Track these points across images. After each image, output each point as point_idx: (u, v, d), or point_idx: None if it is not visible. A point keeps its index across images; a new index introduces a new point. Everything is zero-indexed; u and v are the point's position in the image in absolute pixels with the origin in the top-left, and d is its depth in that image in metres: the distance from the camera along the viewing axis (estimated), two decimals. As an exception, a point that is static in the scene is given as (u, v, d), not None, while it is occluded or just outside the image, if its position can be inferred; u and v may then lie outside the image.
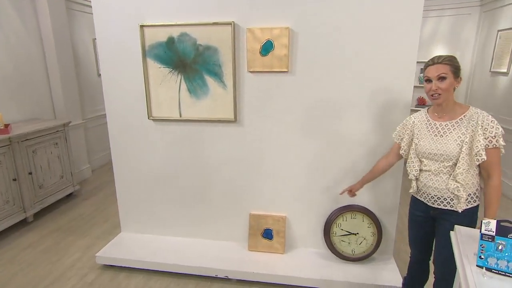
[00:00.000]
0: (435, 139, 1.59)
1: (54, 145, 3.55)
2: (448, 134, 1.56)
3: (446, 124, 1.58)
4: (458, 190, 1.54)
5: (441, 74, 1.50)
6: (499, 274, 1.08)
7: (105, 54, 2.48)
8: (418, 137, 1.67)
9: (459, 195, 1.54)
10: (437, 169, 1.59)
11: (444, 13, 4.94)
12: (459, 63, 1.54)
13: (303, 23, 2.18)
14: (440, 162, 1.58)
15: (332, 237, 2.45)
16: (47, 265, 2.61)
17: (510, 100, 3.95)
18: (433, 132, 1.61)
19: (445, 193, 1.59)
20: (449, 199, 1.60)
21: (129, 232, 2.86)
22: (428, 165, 1.63)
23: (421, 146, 1.64)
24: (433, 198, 1.65)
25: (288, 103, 2.34)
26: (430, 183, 1.63)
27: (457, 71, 1.52)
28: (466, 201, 1.57)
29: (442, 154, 1.56)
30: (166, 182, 2.68)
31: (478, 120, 1.49)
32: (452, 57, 1.54)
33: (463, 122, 1.53)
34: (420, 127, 1.68)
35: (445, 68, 1.50)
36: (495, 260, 1.07)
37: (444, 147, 1.55)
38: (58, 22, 3.85)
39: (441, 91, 1.51)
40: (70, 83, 4.09)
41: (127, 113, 2.57)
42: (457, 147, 1.52)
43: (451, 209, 1.60)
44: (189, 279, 2.44)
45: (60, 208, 3.59)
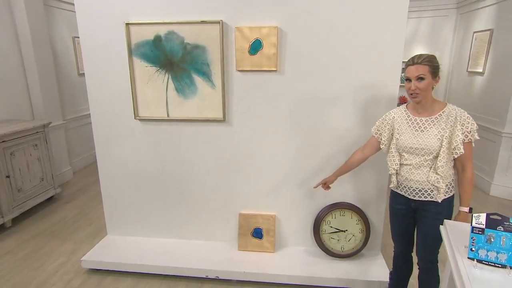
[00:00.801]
0: (416, 134, 1.65)
1: (33, 146, 3.42)
2: (429, 129, 1.62)
3: (426, 120, 1.64)
4: (438, 181, 1.62)
5: (419, 75, 1.56)
6: (489, 265, 1.12)
7: (89, 53, 2.41)
8: (398, 132, 1.72)
9: (439, 186, 1.62)
10: (418, 163, 1.66)
11: (423, 14, 5.10)
12: (438, 63, 1.60)
13: (292, 22, 2.19)
14: (421, 156, 1.64)
15: (322, 234, 2.48)
16: (28, 272, 2.51)
17: (485, 98, 4.12)
18: (414, 127, 1.67)
19: (426, 185, 1.66)
20: (430, 191, 1.67)
21: (115, 234, 2.79)
22: (409, 159, 1.69)
23: (402, 141, 1.69)
24: (414, 191, 1.70)
25: (277, 102, 2.35)
26: (412, 177, 1.69)
27: (435, 71, 1.58)
28: (444, 192, 1.65)
29: (423, 148, 1.62)
30: (154, 183, 2.63)
31: (457, 116, 1.58)
32: (431, 57, 1.59)
33: (442, 118, 1.61)
34: (400, 122, 1.72)
35: (424, 69, 1.55)
36: (485, 252, 1.11)
37: (425, 141, 1.62)
38: (35, 18, 3.70)
39: (419, 90, 1.57)
40: (49, 82, 3.95)
41: (113, 113, 2.50)
42: (438, 141, 1.59)
43: (431, 200, 1.68)
44: (179, 280, 2.41)
45: (41, 212, 3.46)
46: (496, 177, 3.84)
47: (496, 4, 3.98)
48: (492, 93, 3.98)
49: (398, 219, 1.87)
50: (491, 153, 3.92)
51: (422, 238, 1.76)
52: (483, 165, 4.10)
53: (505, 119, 3.66)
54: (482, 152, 4.13)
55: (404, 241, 1.92)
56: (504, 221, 1.10)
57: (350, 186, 2.46)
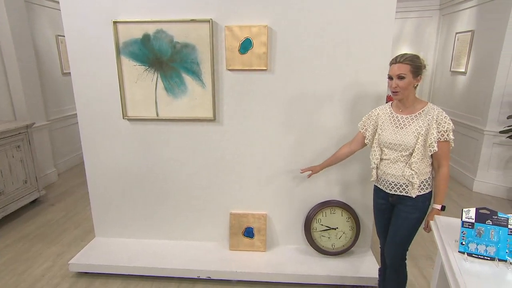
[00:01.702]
0: (396, 131, 1.71)
1: (16, 148, 3.31)
2: (408, 126, 1.68)
3: (406, 117, 1.70)
4: (412, 177, 1.67)
5: (400, 73, 1.61)
6: (479, 258, 1.15)
7: (75, 52, 2.36)
8: (381, 128, 1.79)
9: (413, 182, 1.67)
10: (395, 158, 1.72)
11: (409, 15, 5.20)
12: (422, 62, 1.64)
13: (281, 22, 2.20)
14: (399, 152, 1.71)
15: (313, 232, 2.50)
16: (12, 277, 2.43)
17: (468, 97, 4.24)
18: (395, 124, 1.73)
19: (401, 180, 1.72)
20: (405, 186, 1.72)
21: (104, 236, 2.74)
22: (388, 154, 1.76)
23: (383, 136, 1.76)
24: (391, 184, 1.77)
25: (267, 101, 2.35)
26: (389, 171, 1.75)
27: (417, 70, 1.62)
28: (419, 188, 1.70)
29: (401, 144, 1.69)
30: (143, 183, 2.59)
31: (434, 115, 1.62)
32: (414, 56, 1.63)
33: (421, 116, 1.65)
34: (383, 119, 1.79)
35: (405, 68, 1.60)
36: (475, 246, 1.15)
37: (403, 138, 1.68)
38: (15, 16, 3.58)
39: (400, 88, 1.63)
40: (31, 82, 3.83)
41: (100, 113, 2.46)
42: (414, 138, 1.64)
43: (406, 195, 1.73)
44: (171, 281, 2.38)
45: (24, 216, 3.36)
46: (479, 174, 3.95)
47: (477, 6, 4.10)
48: (474, 92, 4.10)
49: (380, 214, 1.93)
50: (474, 151, 4.03)
51: (393, 232, 1.82)
52: (466, 162, 4.22)
53: (487, 118, 3.77)
54: (465, 149, 4.25)
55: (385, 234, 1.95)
56: (493, 215, 1.14)
57: (339, 184, 2.48)
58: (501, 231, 1.13)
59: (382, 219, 1.93)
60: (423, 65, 1.65)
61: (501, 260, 1.13)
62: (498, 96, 3.66)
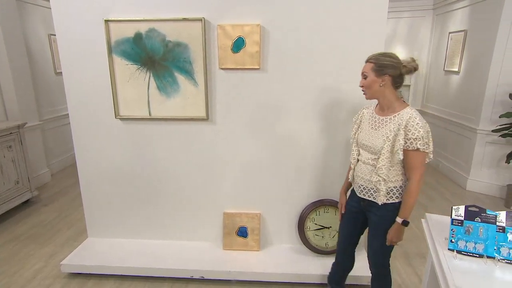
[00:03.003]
0: (370, 132, 1.66)
1: (7, 148, 3.28)
2: (380, 128, 1.61)
3: (382, 119, 1.62)
4: (379, 183, 1.59)
5: (363, 72, 1.60)
6: (468, 255, 1.16)
7: (66, 51, 2.34)
8: (361, 128, 1.75)
9: (380, 188, 1.59)
10: (366, 160, 1.66)
11: (402, 15, 5.22)
12: (392, 61, 1.53)
13: (274, 21, 2.20)
14: (370, 154, 1.65)
15: (306, 231, 2.50)
16: (3, 279, 2.40)
17: (461, 97, 4.27)
18: (372, 124, 1.67)
19: (369, 184, 1.66)
20: (372, 191, 1.66)
21: (96, 237, 2.72)
22: (362, 155, 1.70)
23: (359, 136, 1.73)
24: (361, 187, 1.71)
25: (260, 100, 2.35)
26: (359, 173, 1.71)
27: (381, 68, 1.54)
28: (387, 195, 1.61)
29: (371, 147, 1.63)
30: (136, 183, 2.58)
31: (404, 119, 1.51)
32: (381, 55, 1.57)
33: (394, 120, 1.56)
34: (365, 119, 1.74)
35: (368, 67, 1.58)
36: (464, 243, 1.15)
37: (373, 140, 1.62)
38: (6, 14, 3.54)
39: (364, 88, 1.62)
40: (23, 81, 3.80)
41: (92, 113, 2.44)
42: (382, 142, 1.57)
43: (373, 201, 1.66)
44: (164, 281, 2.37)
45: (16, 216, 3.33)
46: (472, 172, 3.98)
47: (470, 6, 4.12)
48: (467, 91, 4.13)
49: (347, 215, 1.88)
50: (467, 150, 4.06)
51: (370, 241, 1.76)
52: (459, 161, 4.25)
53: (479, 117, 3.80)
54: (458, 148, 4.28)
55: (347, 240, 1.93)
56: (481, 212, 1.14)
57: (333, 183, 2.48)
58: (489, 229, 1.13)
59: (348, 222, 1.87)
60: (395, 63, 1.53)
61: (489, 257, 1.14)
62: (490, 95, 3.69)
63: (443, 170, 4.65)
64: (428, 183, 4.26)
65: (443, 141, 4.68)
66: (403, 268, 2.55)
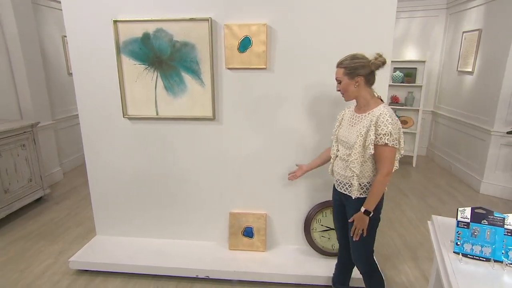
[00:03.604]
0: (348, 128, 1.74)
1: (21, 147, 3.36)
2: (355, 125, 1.69)
3: (359, 116, 1.70)
4: (352, 178, 1.67)
5: (336, 78, 1.70)
6: (474, 259, 1.12)
7: (76, 51, 2.38)
8: (341, 125, 1.83)
9: (353, 183, 1.67)
10: (342, 156, 1.75)
11: (415, 14, 5.13)
12: (361, 62, 1.61)
13: (281, 20, 2.19)
14: (345, 149, 1.73)
15: (313, 233, 2.47)
16: (13, 274, 2.46)
17: (475, 97, 4.16)
18: (350, 122, 1.75)
19: (344, 179, 1.74)
20: (347, 185, 1.74)
21: (104, 235, 2.75)
22: (340, 150, 1.79)
23: (339, 133, 1.81)
24: (337, 181, 1.81)
25: (267, 100, 2.34)
26: (337, 168, 1.80)
27: (353, 71, 1.62)
28: (359, 189, 1.69)
29: (346, 142, 1.71)
30: (143, 182, 2.60)
31: (376, 116, 1.59)
32: (349, 57, 1.65)
33: (368, 116, 1.64)
34: (346, 117, 1.82)
35: (339, 72, 1.67)
36: (470, 246, 1.11)
37: (348, 135, 1.70)
38: (22, 16, 3.64)
39: (341, 91, 1.71)
40: (38, 82, 3.89)
41: (101, 112, 2.47)
42: (355, 138, 1.65)
43: (348, 195, 1.74)
44: (169, 280, 2.38)
45: (29, 213, 3.40)
46: (486, 175, 3.87)
47: (485, 5, 4.02)
48: (481, 92, 4.02)
49: (334, 209, 1.96)
50: (481, 152, 3.95)
51: (350, 237, 1.79)
52: (473, 163, 4.14)
53: (494, 118, 3.69)
54: (471, 150, 4.17)
55: (340, 229, 1.97)
56: (489, 214, 1.10)
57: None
58: (497, 232, 1.09)
59: (336, 214, 1.95)
60: (364, 63, 1.61)
61: (496, 261, 1.09)
62: (506, 96, 3.58)
63: (455, 172, 4.54)
64: (439, 185, 4.17)
65: (456, 143, 4.57)
66: (412, 271, 2.50)
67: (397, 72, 4.93)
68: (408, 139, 5.17)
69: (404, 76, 4.91)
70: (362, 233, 1.70)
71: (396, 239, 2.93)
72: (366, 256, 1.81)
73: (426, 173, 4.65)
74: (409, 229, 3.10)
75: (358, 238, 1.71)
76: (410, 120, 5.07)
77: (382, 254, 2.70)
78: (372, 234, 1.76)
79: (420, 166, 4.98)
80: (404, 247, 2.80)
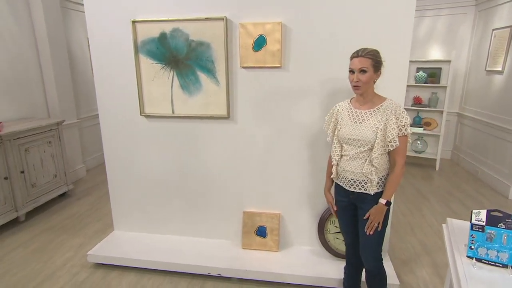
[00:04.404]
0: (355, 126, 1.70)
1: (47, 143, 3.52)
2: (366, 121, 1.67)
3: (365, 112, 1.69)
4: (371, 174, 1.66)
5: (362, 67, 1.61)
6: (490, 264, 1.06)
7: (97, 51, 2.47)
8: (340, 124, 1.78)
9: (372, 178, 1.66)
10: (354, 155, 1.70)
11: (441, 12, 4.95)
12: (382, 58, 1.65)
13: (296, 18, 2.17)
14: (358, 148, 1.69)
15: (326, 234, 2.43)
16: (37, 265, 2.57)
17: (504, 98, 3.95)
18: (354, 119, 1.72)
19: (360, 177, 1.70)
20: (364, 183, 1.71)
21: (121, 230, 2.83)
22: (347, 150, 1.74)
23: (342, 132, 1.75)
24: (350, 181, 1.75)
25: (281, 99, 2.32)
26: (348, 168, 1.74)
27: (377, 65, 1.63)
28: (377, 185, 1.69)
29: (360, 140, 1.67)
30: (159, 179, 2.65)
31: (392, 109, 1.62)
32: (375, 51, 1.64)
33: (379, 111, 1.65)
34: (343, 114, 1.78)
35: (367, 62, 1.61)
36: (485, 251, 1.05)
37: (362, 133, 1.66)
38: (52, 20, 3.83)
39: (361, 83, 1.63)
40: (64, 82, 4.07)
41: (119, 110, 2.55)
42: (373, 133, 1.63)
43: (365, 192, 1.71)
44: (182, 277, 2.41)
45: (53, 208, 3.55)
46: (516, 180, 3.66)
47: (516, 0, 3.82)
48: (511, 92, 3.81)
49: (341, 211, 1.90)
50: (510, 155, 3.74)
51: (362, 236, 1.79)
52: (502, 168, 3.93)
53: (525, 119, 3.49)
54: (500, 154, 3.96)
55: (350, 233, 1.92)
56: (506, 218, 1.04)
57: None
58: (515, 236, 1.02)
59: (344, 217, 1.90)
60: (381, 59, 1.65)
61: (515, 267, 1.03)
62: (538, 96, 3.38)
63: (482, 177, 4.32)
64: (464, 190, 3.99)
65: (483, 146, 4.36)
66: (430, 277, 2.40)
67: (421, 72, 4.76)
68: (431, 141, 4.98)
69: (427, 77, 4.74)
70: (378, 226, 1.70)
71: (415, 243, 2.83)
72: (378, 252, 1.80)
73: (450, 177, 4.46)
74: (430, 234, 2.98)
75: (373, 231, 1.70)
76: (433, 121, 4.88)
77: (399, 258, 2.61)
78: (385, 227, 1.77)
79: (444, 169, 4.78)
80: (423, 252, 2.69)
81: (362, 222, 1.76)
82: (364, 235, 1.76)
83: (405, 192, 3.95)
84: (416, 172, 4.68)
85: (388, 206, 1.68)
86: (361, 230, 1.78)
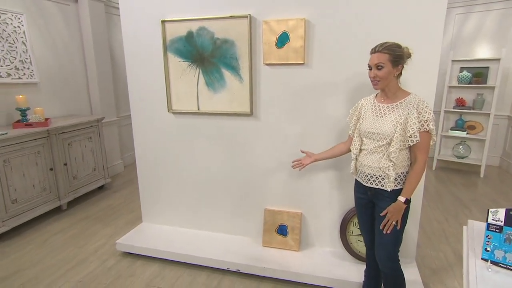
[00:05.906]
0: (376, 119, 1.67)
1: (88, 139, 3.77)
2: (387, 115, 1.63)
3: (387, 106, 1.65)
4: (389, 169, 1.61)
5: (379, 63, 1.57)
6: (508, 268, 0.95)
7: (129, 51, 2.61)
8: (363, 118, 1.75)
9: (389, 174, 1.61)
10: (373, 148, 1.67)
11: (491, 7, 4.58)
12: (403, 52, 1.58)
13: (320, 14, 2.14)
14: (376, 142, 1.65)
15: (349, 236, 2.35)
16: (73, 250, 2.76)
17: None
18: (376, 113, 1.69)
19: (377, 172, 1.66)
20: (380, 178, 1.66)
21: (149, 222, 2.95)
22: (366, 144, 1.71)
23: (363, 126, 1.72)
24: (367, 176, 1.71)
25: (304, 96, 2.30)
26: (365, 162, 1.70)
27: (397, 59, 1.57)
28: (395, 181, 1.63)
29: (379, 133, 1.63)
30: (184, 175, 2.73)
31: (415, 103, 1.57)
32: (394, 45, 1.57)
33: (402, 105, 1.61)
34: (366, 109, 1.75)
35: (383, 57, 1.56)
36: (502, 253, 0.95)
37: (382, 126, 1.63)
38: (97, 26, 4.12)
39: (379, 78, 1.59)
40: (106, 82, 4.36)
41: (149, 106, 2.67)
42: (392, 127, 1.59)
43: (382, 189, 1.66)
44: (202, 270, 2.45)
45: (92, 199, 3.80)
46: None
47: None
48: None
49: (360, 209, 1.86)
50: None
51: (378, 234, 1.73)
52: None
53: None
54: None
55: (370, 232, 1.87)
56: (528, 218, 0.93)
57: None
58: (539, 239, 0.91)
59: (363, 215, 1.86)
60: (406, 54, 1.60)
61: (538, 274, 0.91)
62: None
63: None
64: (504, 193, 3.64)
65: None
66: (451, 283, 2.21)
67: (464, 72, 4.44)
68: (476, 146, 4.62)
69: (472, 76, 4.41)
70: (396, 225, 1.64)
71: (448, 253, 2.63)
72: (394, 252, 1.72)
73: (497, 185, 4.09)
74: (467, 244, 2.76)
75: (390, 230, 1.64)
76: (478, 125, 4.52)
77: (429, 267, 2.44)
78: (404, 226, 1.69)
79: (490, 177, 4.40)
80: (456, 263, 2.50)
81: (378, 220, 1.69)
82: (380, 234, 1.69)
83: (443, 199, 3.70)
84: (456, 178, 4.36)
85: (408, 204, 1.62)
86: (376, 228, 1.72)
